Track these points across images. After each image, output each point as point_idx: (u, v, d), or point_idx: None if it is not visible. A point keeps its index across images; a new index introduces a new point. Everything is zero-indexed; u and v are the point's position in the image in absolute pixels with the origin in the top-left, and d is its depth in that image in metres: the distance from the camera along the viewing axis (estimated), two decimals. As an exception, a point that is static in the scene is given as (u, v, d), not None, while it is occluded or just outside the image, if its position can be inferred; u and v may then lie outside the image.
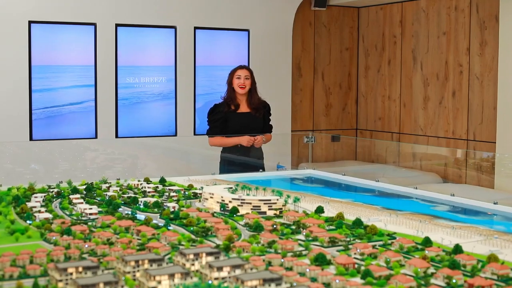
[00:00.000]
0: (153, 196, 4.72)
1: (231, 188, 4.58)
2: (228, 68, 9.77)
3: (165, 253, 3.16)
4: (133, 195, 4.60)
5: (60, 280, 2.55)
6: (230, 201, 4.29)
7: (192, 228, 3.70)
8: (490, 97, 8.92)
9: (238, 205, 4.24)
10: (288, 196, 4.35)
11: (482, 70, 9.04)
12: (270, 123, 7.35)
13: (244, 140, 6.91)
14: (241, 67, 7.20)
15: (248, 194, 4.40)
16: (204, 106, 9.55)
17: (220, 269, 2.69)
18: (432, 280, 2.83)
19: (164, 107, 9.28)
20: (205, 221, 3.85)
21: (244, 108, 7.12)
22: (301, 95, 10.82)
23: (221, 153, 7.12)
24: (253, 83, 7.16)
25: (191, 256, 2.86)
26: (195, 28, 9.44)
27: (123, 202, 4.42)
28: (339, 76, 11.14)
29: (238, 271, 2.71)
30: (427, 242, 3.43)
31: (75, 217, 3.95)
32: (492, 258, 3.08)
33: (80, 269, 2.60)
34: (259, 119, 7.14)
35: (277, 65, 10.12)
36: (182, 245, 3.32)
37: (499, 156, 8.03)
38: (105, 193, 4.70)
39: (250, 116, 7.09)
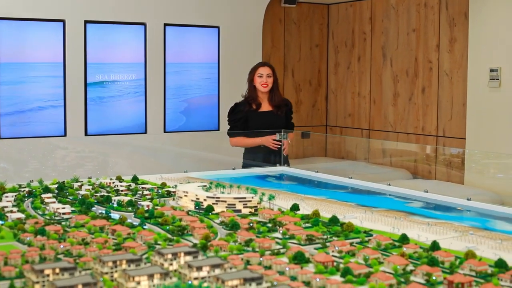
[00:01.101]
0: (126, 194, 4.67)
1: (205, 186, 4.55)
2: (198, 65, 9.78)
3: (142, 252, 3.12)
4: (106, 194, 4.55)
5: (37, 282, 2.50)
6: (204, 199, 4.26)
7: (168, 227, 3.66)
8: (459, 94, 8.98)
9: (213, 203, 4.20)
10: (263, 194, 4.33)
11: (452, 66, 9.10)
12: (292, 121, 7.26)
13: (267, 142, 6.77)
14: (262, 64, 7.00)
15: (222, 192, 4.37)
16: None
17: (199, 268, 2.66)
18: (412, 278, 2.83)
19: (134, 105, 9.21)
20: (180, 220, 3.81)
21: (265, 106, 6.96)
22: (271, 92, 10.78)
23: (243, 154, 7.03)
24: (275, 80, 6.98)
25: (169, 256, 2.83)
26: (165, 25, 9.38)
27: (96, 201, 4.37)
28: (309, 73, 11.14)
29: (217, 271, 2.68)
30: (404, 239, 3.43)
31: (48, 217, 3.88)
32: (470, 255, 3.09)
33: (57, 270, 2.55)
34: (281, 117, 6.98)
35: (247, 62, 10.04)
36: (159, 244, 3.28)
37: (469, 152, 8.09)
38: (77, 192, 4.64)
39: (272, 115, 6.93)
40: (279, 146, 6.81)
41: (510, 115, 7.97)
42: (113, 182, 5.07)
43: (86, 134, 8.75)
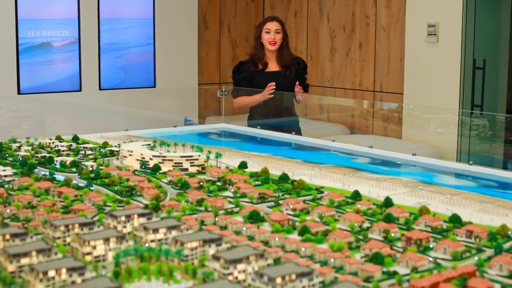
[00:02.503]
0: (68, 155, 4.53)
1: (149, 145, 4.44)
2: (132, 21, 9.54)
3: (92, 215, 3.02)
4: (47, 155, 4.40)
5: (-13, 249, 2.39)
6: (150, 158, 4.16)
7: (115, 188, 3.56)
8: (396, 49, 9.01)
9: (160, 163, 4.11)
10: (209, 152, 4.26)
11: (389, 21, 9.11)
12: (307, 82, 6.71)
13: (264, 96, 6.25)
14: (270, 19, 6.43)
15: (168, 151, 4.28)
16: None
17: (155, 231, 2.58)
18: (369, 235, 2.81)
19: (68, 62, 8.94)
20: (127, 180, 3.72)
21: (273, 66, 6.44)
22: (207, 48, 10.67)
23: (248, 116, 6.61)
24: (285, 37, 6.43)
25: (123, 218, 2.74)
26: (98, -21, 9.11)
27: (37, 162, 4.22)
28: (245, 29, 11.02)
29: (174, 232, 2.61)
30: (356, 195, 3.41)
31: (-11, 180, 3.73)
32: (424, 210, 3.09)
33: (7, 236, 2.45)
34: (289, 77, 6.38)
35: (183, 18, 9.90)
36: (109, 206, 3.19)
37: (406, 107, 8.16)
38: (16, 153, 4.47)
39: (279, 75, 6.35)
40: (272, 91, 6.22)
41: (448, 70, 8.05)
42: (53, 142, 4.91)
43: (19, 93, 8.48)
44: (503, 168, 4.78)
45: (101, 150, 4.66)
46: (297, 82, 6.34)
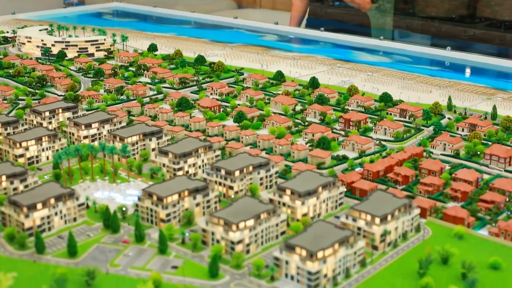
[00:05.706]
0: (-44, 44, 4.14)
1: (47, 29, 4.15)
2: None
3: (8, 110, 2.79)
4: None
5: None
6: (53, 45, 3.90)
7: (24, 80, 3.29)
8: None
9: (63, 48, 3.84)
10: (114, 35, 4.02)
11: None
12: None
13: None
14: None
15: (70, 35, 4.00)
16: None
17: (88, 126, 2.41)
18: (306, 118, 2.74)
19: None
20: (34, 70, 3.45)
21: None
22: None
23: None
24: None
25: (47, 114, 2.55)
26: None
27: None
28: None
29: (107, 127, 2.45)
30: (280, 76, 3.31)
31: None
32: (353, 90, 3.05)
33: None
34: None
35: None
36: (23, 100, 2.96)
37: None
38: None
39: None
40: None
41: None
42: None
43: None
44: (392, 39, 4.66)
45: (-7, 37, 4.29)
46: None
